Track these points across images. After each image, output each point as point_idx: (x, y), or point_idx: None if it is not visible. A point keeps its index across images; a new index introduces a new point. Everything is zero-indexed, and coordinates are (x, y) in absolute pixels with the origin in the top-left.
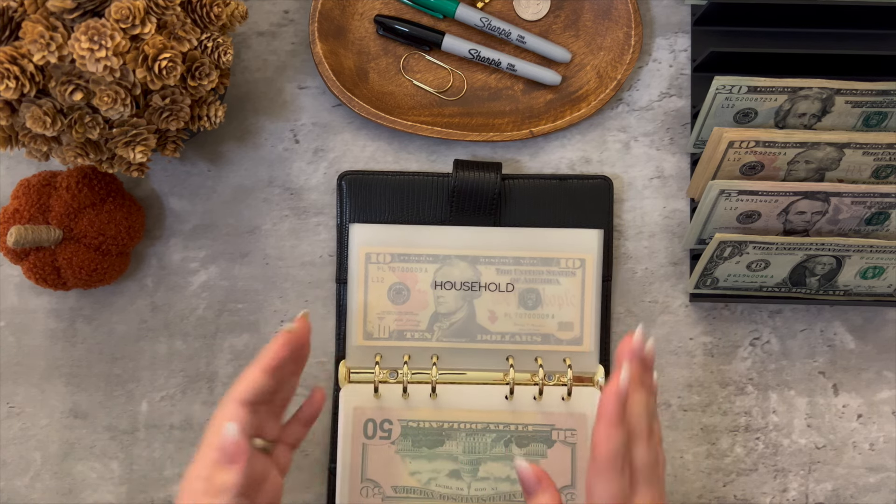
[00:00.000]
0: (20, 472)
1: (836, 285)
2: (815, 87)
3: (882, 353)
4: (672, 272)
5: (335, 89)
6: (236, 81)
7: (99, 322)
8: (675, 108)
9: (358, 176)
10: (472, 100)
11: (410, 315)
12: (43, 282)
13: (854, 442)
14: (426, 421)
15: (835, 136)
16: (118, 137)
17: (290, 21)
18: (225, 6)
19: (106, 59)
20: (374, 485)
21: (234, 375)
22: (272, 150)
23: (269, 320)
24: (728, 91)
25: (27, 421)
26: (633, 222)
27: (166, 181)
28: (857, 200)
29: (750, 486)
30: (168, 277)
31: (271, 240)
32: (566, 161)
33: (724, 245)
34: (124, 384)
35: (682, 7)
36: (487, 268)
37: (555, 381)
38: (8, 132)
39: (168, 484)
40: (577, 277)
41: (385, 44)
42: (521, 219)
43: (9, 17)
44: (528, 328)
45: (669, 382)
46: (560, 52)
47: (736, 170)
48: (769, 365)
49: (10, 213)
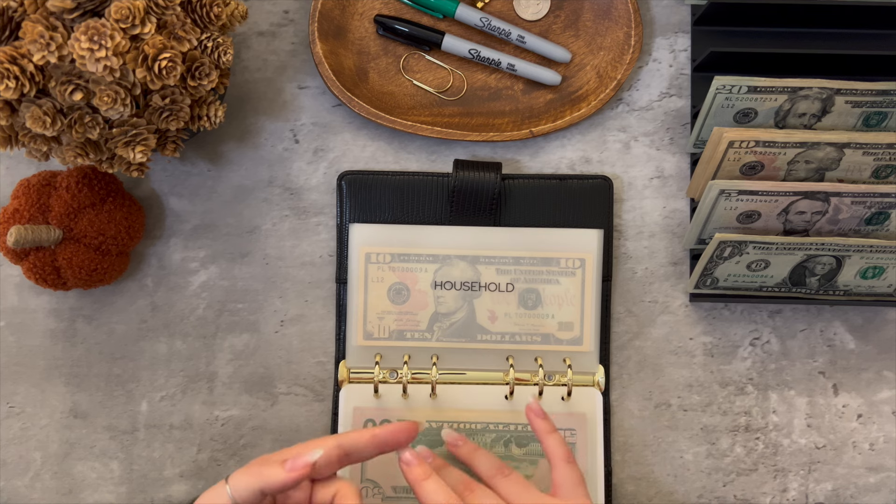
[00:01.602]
0: (20, 472)
1: (836, 285)
2: (815, 87)
3: (882, 353)
4: (672, 272)
5: (335, 89)
6: (236, 81)
7: (99, 322)
8: (675, 108)
9: (358, 176)
10: (472, 100)
11: (410, 315)
12: (43, 282)
13: (854, 442)
14: (426, 421)
15: (835, 136)
16: (118, 137)
17: (290, 21)
18: (225, 6)
19: (106, 59)
20: (373, 485)
21: (234, 375)
22: (272, 150)
23: (269, 320)
24: (728, 91)
25: (27, 421)
26: (633, 222)
27: (166, 181)
28: (857, 200)
29: (750, 486)
30: (168, 277)
31: (271, 240)
32: (566, 161)
33: (724, 245)
34: (124, 384)
35: (682, 7)
36: (487, 268)
37: (555, 381)
38: (8, 132)
39: (168, 484)
40: (577, 277)
41: (385, 44)
42: (521, 219)
43: (9, 17)
44: (528, 328)
45: (669, 382)
46: (560, 52)
47: (736, 170)
48: (769, 365)
49: (10, 213)
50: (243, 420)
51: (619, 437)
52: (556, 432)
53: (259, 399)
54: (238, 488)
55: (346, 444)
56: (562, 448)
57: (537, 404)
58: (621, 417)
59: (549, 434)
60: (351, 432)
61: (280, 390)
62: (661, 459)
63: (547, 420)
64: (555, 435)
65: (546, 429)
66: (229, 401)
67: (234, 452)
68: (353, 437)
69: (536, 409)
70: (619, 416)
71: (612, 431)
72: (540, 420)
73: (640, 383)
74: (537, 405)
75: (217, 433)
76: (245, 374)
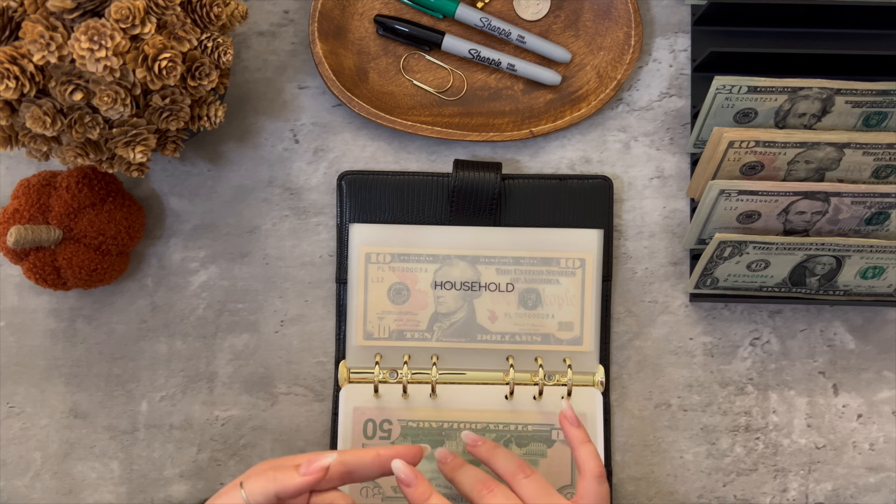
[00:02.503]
0: (20, 472)
1: (836, 285)
2: (815, 87)
3: (882, 353)
4: (672, 272)
5: (335, 89)
6: (236, 81)
7: (99, 322)
8: (675, 108)
9: (358, 176)
10: (472, 100)
11: (410, 315)
12: (43, 282)
13: (854, 442)
14: (426, 421)
15: (835, 136)
16: (118, 137)
17: (290, 21)
18: (225, 6)
19: (106, 59)
20: (374, 485)
21: (234, 375)
22: (272, 150)
23: (269, 320)
24: (728, 91)
25: (27, 421)
26: (633, 222)
27: (166, 181)
28: (857, 200)
29: (750, 486)
30: (168, 277)
31: (271, 240)
32: (566, 161)
33: (724, 245)
34: (124, 384)
35: (682, 7)
36: (487, 268)
37: (555, 381)
38: (8, 132)
39: (168, 484)
40: (576, 277)
41: (385, 44)
42: (521, 219)
43: (9, 17)
44: (528, 328)
45: (669, 382)
46: (560, 52)
47: (736, 170)
48: (769, 365)
49: (10, 213)
50: (243, 420)
51: (619, 437)
52: (590, 443)
53: (259, 399)
54: (254, 492)
55: (350, 462)
56: (593, 461)
57: (571, 411)
58: (621, 417)
59: (582, 444)
60: (355, 450)
61: (280, 390)
62: (661, 459)
63: (581, 429)
64: (588, 446)
65: (580, 438)
66: (229, 401)
67: (234, 452)
68: (357, 455)
69: (571, 417)
70: (619, 416)
71: (612, 431)
72: (574, 429)
73: (640, 383)
74: (571, 412)
75: (217, 433)
76: (245, 374)
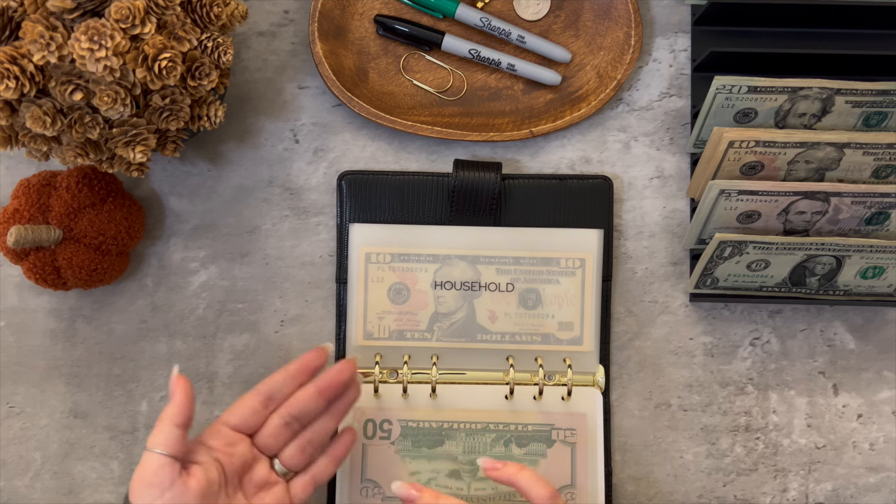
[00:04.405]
0: (20, 472)
1: (836, 285)
2: (815, 87)
3: (882, 353)
4: (672, 272)
5: (335, 89)
6: (236, 81)
7: (99, 322)
8: (675, 108)
9: (358, 176)
10: (472, 100)
11: (410, 315)
12: (43, 282)
13: (854, 442)
14: (426, 421)
15: (835, 136)
16: (118, 137)
17: (290, 21)
18: (225, 6)
19: (106, 59)
20: (373, 485)
21: (234, 375)
22: (272, 150)
23: (269, 320)
24: (728, 91)
25: (27, 421)
26: (633, 222)
27: (166, 181)
28: (857, 200)
29: (750, 486)
30: (168, 277)
31: (271, 240)
32: (566, 161)
33: (724, 245)
34: (124, 384)
35: (682, 7)
36: (487, 268)
37: (555, 381)
38: (8, 132)
39: None
40: (577, 277)
41: (385, 44)
42: (520, 219)
43: (9, 17)
44: (528, 328)
45: (669, 382)
46: (560, 52)
47: (736, 170)
48: (769, 365)
49: (10, 213)
50: None
51: (619, 437)
52: (525, 469)
53: None
54: (157, 443)
55: (264, 388)
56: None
57: (486, 460)
58: (621, 417)
59: (518, 474)
60: (267, 379)
61: None
62: (661, 459)
63: (507, 465)
64: (524, 472)
65: (512, 472)
66: (229, 401)
67: None
68: (268, 380)
69: (490, 466)
70: (619, 416)
71: (612, 431)
72: (502, 469)
73: (640, 383)
74: (487, 461)
75: None
76: (245, 375)
